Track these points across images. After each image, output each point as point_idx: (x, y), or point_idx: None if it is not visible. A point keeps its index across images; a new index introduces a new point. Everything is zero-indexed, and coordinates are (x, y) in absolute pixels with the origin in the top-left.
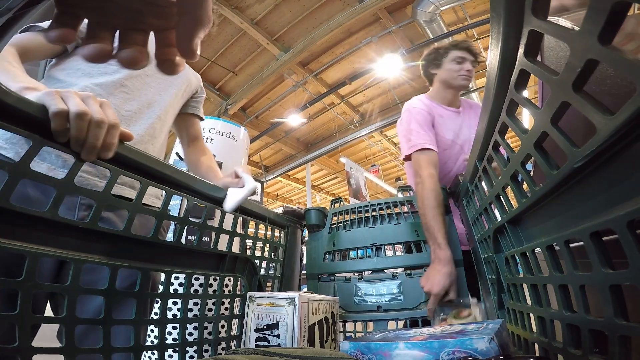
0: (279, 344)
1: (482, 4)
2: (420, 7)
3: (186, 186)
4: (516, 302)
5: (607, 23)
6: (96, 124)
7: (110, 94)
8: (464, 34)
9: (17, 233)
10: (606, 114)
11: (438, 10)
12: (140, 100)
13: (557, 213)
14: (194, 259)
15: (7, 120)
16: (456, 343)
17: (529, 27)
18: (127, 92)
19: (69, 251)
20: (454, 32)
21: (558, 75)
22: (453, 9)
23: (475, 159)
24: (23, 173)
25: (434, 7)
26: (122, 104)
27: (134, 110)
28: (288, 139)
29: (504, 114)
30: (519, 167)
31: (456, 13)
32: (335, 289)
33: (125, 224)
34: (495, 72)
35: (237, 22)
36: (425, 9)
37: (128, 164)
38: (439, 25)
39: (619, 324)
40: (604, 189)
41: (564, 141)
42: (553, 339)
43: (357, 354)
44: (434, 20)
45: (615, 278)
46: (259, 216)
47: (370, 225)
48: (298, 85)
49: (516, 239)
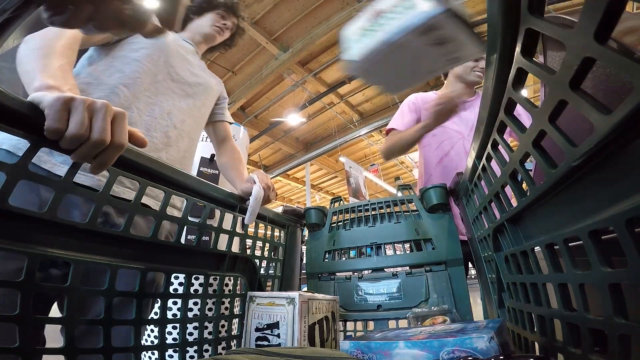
0: (279, 344)
1: (481, 3)
2: None
3: (185, 186)
4: (516, 301)
5: (603, 21)
6: (93, 144)
7: (136, 97)
8: None
9: (17, 234)
10: (603, 112)
11: None
12: (161, 107)
13: (556, 212)
14: (193, 258)
15: (5, 122)
16: (456, 342)
17: (525, 25)
18: (150, 96)
19: (69, 251)
20: None
21: (555, 73)
22: None
23: (474, 157)
24: (21, 174)
25: None
26: (144, 108)
27: (155, 116)
28: (287, 138)
29: (502, 112)
30: (518, 166)
31: None
32: (336, 288)
33: (125, 224)
34: (493, 71)
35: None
36: None
37: (127, 164)
38: None
39: (618, 322)
40: (602, 188)
41: (562, 139)
42: (553, 338)
43: (357, 353)
44: None
45: (614, 277)
46: (258, 215)
47: (370, 224)
48: (297, 84)
49: (516, 238)
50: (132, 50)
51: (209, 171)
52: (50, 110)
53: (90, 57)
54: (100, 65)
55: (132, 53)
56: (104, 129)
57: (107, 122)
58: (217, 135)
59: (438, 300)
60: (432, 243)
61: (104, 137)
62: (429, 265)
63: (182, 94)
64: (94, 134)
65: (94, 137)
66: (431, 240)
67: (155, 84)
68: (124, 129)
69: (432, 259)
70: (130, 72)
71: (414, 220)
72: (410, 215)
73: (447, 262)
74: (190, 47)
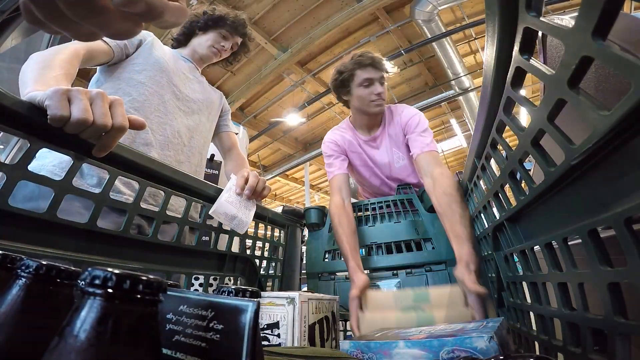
0: (280, 344)
1: (480, 3)
2: (418, 6)
3: (185, 186)
4: (516, 300)
5: (601, 20)
6: (96, 128)
7: (147, 118)
8: (461, 33)
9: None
10: (602, 111)
11: (436, 10)
12: (172, 126)
13: (555, 211)
14: (193, 259)
15: (6, 123)
16: (456, 342)
17: (523, 24)
18: (161, 116)
19: (69, 252)
20: (451, 32)
21: (553, 72)
22: (451, 9)
23: (473, 157)
24: (20, 175)
25: (432, 7)
26: (157, 129)
27: (167, 135)
28: (286, 138)
29: (501, 111)
30: (517, 165)
31: (454, 13)
32: (336, 287)
33: (125, 224)
34: (491, 70)
35: None
36: (424, 8)
37: (127, 164)
38: (437, 25)
39: (618, 322)
40: (601, 186)
41: (561, 138)
42: (553, 337)
43: (357, 353)
44: (432, 20)
45: (613, 276)
46: (258, 215)
47: (370, 224)
48: (296, 84)
49: (515, 237)
50: (135, 72)
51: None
52: (51, 101)
53: (97, 81)
54: (108, 88)
55: (136, 75)
56: (105, 114)
57: (106, 108)
58: (223, 145)
59: None
60: (432, 242)
61: (106, 120)
62: (429, 264)
63: (188, 111)
64: (97, 118)
65: (98, 120)
66: (431, 239)
67: (163, 104)
68: (123, 112)
69: (432, 258)
70: (138, 95)
71: (414, 219)
72: (410, 214)
73: (447, 261)
74: (189, 64)
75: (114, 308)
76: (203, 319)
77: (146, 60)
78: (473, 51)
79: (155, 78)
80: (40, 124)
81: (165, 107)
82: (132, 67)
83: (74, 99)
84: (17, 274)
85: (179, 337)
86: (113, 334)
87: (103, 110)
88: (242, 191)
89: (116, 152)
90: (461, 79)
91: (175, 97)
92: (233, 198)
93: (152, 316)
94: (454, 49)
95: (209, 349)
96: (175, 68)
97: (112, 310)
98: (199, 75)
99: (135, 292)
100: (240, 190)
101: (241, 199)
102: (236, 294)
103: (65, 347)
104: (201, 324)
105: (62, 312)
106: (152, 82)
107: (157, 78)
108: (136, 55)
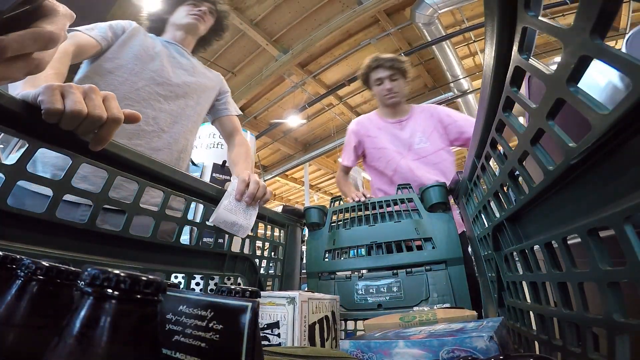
0: (280, 343)
1: (480, 6)
2: (418, 9)
3: (184, 186)
4: (516, 300)
5: (599, 19)
6: (91, 120)
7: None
8: (461, 36)
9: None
10: (601, 110)
11: (436, 13)
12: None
13: (555, 210)
14: (193, 258)
15: (3, 122)
16: (456, 341)
17: (522, 24)
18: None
19: (68, 252)
20: (451, 35)
21: (552, 72)
22: (451, 12)
23: (473, 156)
24: (20, 175)
25: (432, 10)
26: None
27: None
28: (286, 139)
29: (500, 111)
30: (516, 164)
31: (454, 15)
32: (336, 287)
33: (124, 224)
34: (490, 70)
35: (237, 23)
36: (424, 11)
37: (127, 164)
38: (437, 28)
39: (617, 321)
40: (601, 186)
41: (560, 138)
42: (553, 337)
43: (357, 353)
44: (432, 23)
45: (613, 275)
46: (258, 215)
47: (371, 223)
48: (297, 86)
49: (515, 237)
50: (106, 60)
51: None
52: (44, 96)
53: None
54: (83, 80)
55: (107, 64)
56: (99, 106)
57: (100, 100)
58: (224, 129)
59: (438, 300)
60: (432, 242)
61: (100, 111)
62: (429, 264)
63: (170, 96)
64: (92, 110)
65: (92, 112)
66: (431, 239)
67: (136, 92)
68: (116, 105)
69: (432, 258)
70: (105, 85)
71: (414, 219)
72: (410, 214)
73: (447, 261)
74: (175, 47)
75: (113, 308)
76: (203, 319)
77: (119, 49)
78: (472, 53)
79: (128, 66)
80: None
81: (138, 95)
82: (104, 57)
83: (67, 93)
84: (17, 275)
85: (179, 337)
86: (113, 334)
87: (96, 102)
88: (242, 197)
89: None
90: (460, 81)
91: (155, 83)
92: (233, 205)
93: (151, 316)
94: (453, 52)
95: (208, 349)
96: (155, 54)
97: (112, 311)
98: (189, 57)
99: (135, 293)
100: (240, 197)
101: (241, 203)
102: (235, 294)
103: (65, 347)
104: (201, 324)
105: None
106: (122, 70)
107: (129, 66)
108: (113, 46)
